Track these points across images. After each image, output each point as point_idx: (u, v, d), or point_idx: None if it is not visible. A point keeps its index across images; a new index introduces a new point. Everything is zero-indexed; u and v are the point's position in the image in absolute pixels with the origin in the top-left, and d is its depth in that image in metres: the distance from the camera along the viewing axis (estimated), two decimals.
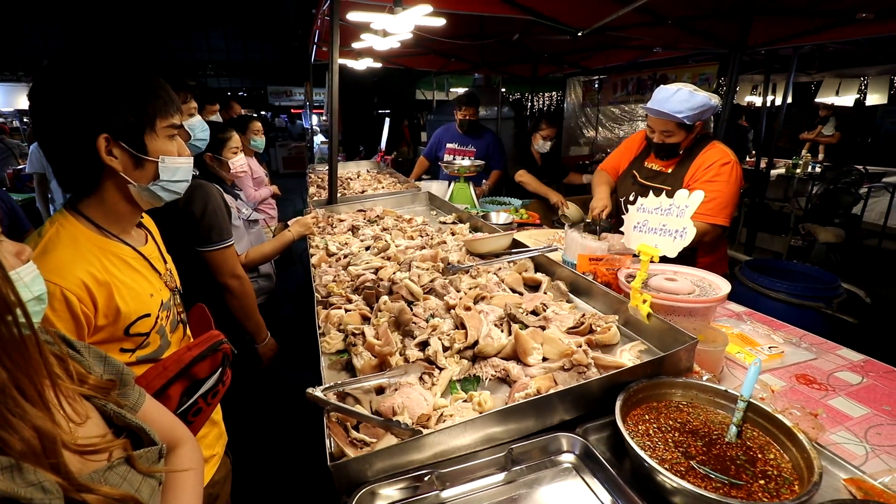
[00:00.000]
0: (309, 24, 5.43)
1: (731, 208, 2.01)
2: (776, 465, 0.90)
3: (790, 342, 1.49)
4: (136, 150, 0.99)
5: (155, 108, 1.01)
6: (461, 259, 1.94)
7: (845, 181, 5.40)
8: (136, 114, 0.98)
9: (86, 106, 0.93)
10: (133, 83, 0.98)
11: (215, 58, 21.15)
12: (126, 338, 0.99)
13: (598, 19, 3.40)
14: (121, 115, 0.95)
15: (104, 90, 0.94)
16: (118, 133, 0.96)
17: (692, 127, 2.04)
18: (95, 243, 0.98)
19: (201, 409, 1.01)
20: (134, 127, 0.98)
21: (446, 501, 0.92)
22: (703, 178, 2.02)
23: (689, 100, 1.95)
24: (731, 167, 1.98)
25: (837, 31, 3.60)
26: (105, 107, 0.94)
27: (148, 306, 1.02)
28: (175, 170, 1.07)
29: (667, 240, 1.26)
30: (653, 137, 2.14)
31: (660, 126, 2.07)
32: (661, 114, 2.00)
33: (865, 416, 1.16)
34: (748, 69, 7.07)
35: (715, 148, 2.07)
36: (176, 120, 1.07)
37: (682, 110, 1.95)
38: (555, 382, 1.10)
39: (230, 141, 2.35)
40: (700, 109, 1.97)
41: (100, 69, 0.95)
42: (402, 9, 2.43)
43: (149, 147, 1.02)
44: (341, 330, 1.46)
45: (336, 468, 0.87)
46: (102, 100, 0.94)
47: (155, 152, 1.03)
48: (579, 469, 0.99)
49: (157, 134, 1.03)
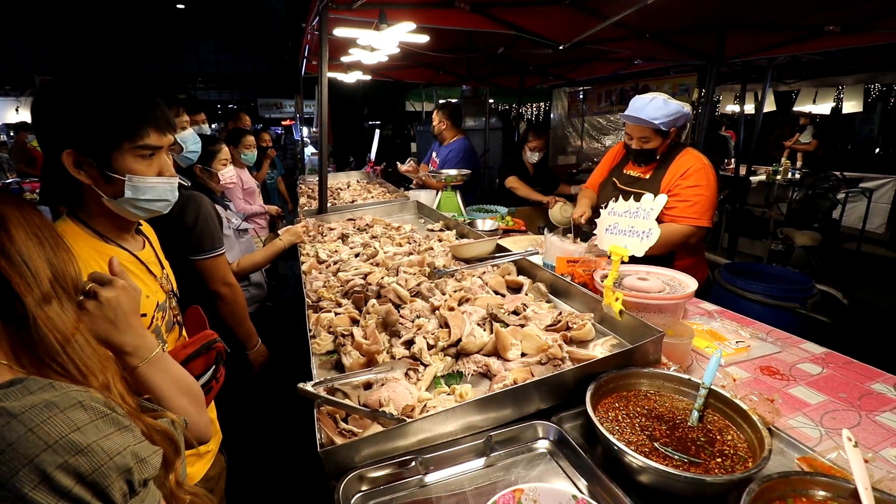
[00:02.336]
0: (299, 38, 5.54)
1: (712, 210, 2.14)
2: (733, 445, 0.97)
3: (757, 337, 1.57)
4: (101, 167, 1.02)
5: (123, 128, 1.02)
6: (447, 264, 2.01)
7: (823, 187, 5.58)
8: (101, 132, 1.01)
9: (54, 122, 0.99)
10: (102, 102, 1.01)
11: (205, 70, 21.24)
12: None
13: (578, 34, 3.54)
14: (85, 133, 0.99)
15: (71, 108, 0.99)
16: (83, 149, 1.00)
17: (667, 133, 2.17)
18: (94, 247, 1.04)
19: None
20: (99, 144, 1.01)
21: (429, 485, 0.98)
22: (683, 185, 2.14)
23: (663, 107, 2.10)
24: (706, 171, 2.12)
25: (808, 43, 3.77)
26: (71, 124, 0.99)
27: (143, 307, 1.08)
28: (145, 189, 1.08)
29: (635, 240, 1.35)
30: (631, 144, 2.26)
31: (637, 132, 2.20)
32: (638, 120, 2.12)
33: (822, 403, 1.24)
34: (726, 80, 7.28)
35: (689, 154, 2.20)
36: (152, 140, 1.06)
37: (657, 117, 2.09)
38: (532, 375, 1.17)
39: (220, 153, 2.42)
40: (674, 116, 2.11)
41: (74, 88, 1.00)
42: (387, 25, 2.53)
43: (116, 164, 1.03)
44: (331, 332, 1.52)
45: (325, 454, 0.93)
46: (69, 117, 0.99)
47: (122, 170, 1.04)
48: (554, 454, 1.06)
49: (123, 153, 1.03)
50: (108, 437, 0.58)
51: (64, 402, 0.57)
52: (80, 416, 0.57)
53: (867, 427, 1.15)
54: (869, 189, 6.47)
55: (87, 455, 0.55)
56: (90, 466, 0.55)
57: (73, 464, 0.54)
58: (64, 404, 0.57)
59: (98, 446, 0.56)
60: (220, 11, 19.30)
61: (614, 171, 2.50)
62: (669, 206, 2.04)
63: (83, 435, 0.56)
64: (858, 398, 1.26)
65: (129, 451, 0.59)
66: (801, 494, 0.84)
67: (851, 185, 6.33)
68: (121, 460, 0.58)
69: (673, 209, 2.10)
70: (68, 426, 0.55)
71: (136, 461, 0.60)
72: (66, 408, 0.57)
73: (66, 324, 0.68)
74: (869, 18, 3.19)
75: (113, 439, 0.58)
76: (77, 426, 0.56)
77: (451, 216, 2.93)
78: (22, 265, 0.65)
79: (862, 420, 1.17)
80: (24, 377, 0.59)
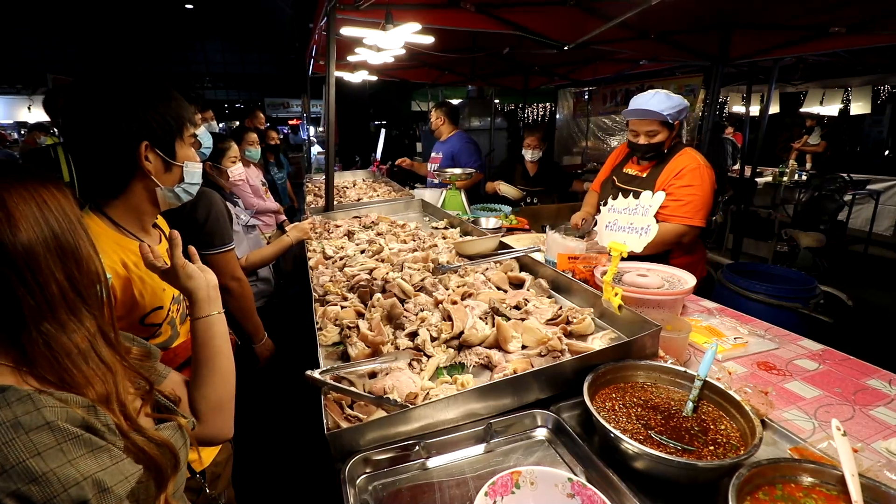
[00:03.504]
0: (306, 38, 5.60)
1: (705, 210, 2.15)
2: (726, 435, 1.00)
3: (755, 334, 1.60)
4: (167, 156, 1.12)
5: (183, 117, 1.13)
6: (450, 260, 2.05)
7: (829, 188, 5.57)
8: (170, 123, 1.10)
9: (128, 116, 1.04)
10: (164, 95, 1.10)
11: (212, 70, 21.40)
12: (141, 327, 1.09)
13: (582, 34, 3.56)
14: (158, 124, 1.08)
15: (142, 102, 1.06)
16: (155, 140, 1.08)
17: (673, 126, 2.19)
18: (116, 241, 1.09)
19: None
20: (168, 135, 1.10)
21: (431, 469, 1.02)
22: (677, 184, 2.16)
23: (667, 100, 2.14)
24: (701, 171, 2.14)
25: (813, 44, 3.77)
26: (145, 117, 1.06)
27: (161, 299, 1.12)
28: (195, 173, 1.20)
29: (634, 236, 1.38)
30: (637, 140, 2.25)
31: (644, 127, 2.21)
32: (646, 113, 2.14)
33: (817, 398, 1.27)
34: (732, 80, 7.27)
35: (686, 154, 2.22)
36: (195, 129, 1.20)
37: (664, 108, 2.12)
38: (531, 366, 1.21)
39: (229, 150, 2.47)
40: (678, 108, 2.15)
41: (134, 83, 1.07)
42: (393, 26, 2.57)
43: (178, 153, 1.14)
44: (337, 324, 1.56)
45: (332, 436, 0.97)
46: (142, 110, 1.06)
47: (182, 158, 1.15)
48: (552, 442, 1.10)
49: (184, 141, 1.15)
50: (71, 464, 0.56)
51: (32, 421, 0.55)
52: (45, 439, 0.55)
53: (860, 420, 1.17)
54: (876, 191, 6.44)
55: (40, 484, 0.53)
56: (42, 496, 0.53)
57: (24, 492, 0.52)
58: (30, 424, 0.55)
59: (54, 475, 0.54)
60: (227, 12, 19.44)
61: (615, 171, 2.54)
62: (662, 205, 2.05)
63: (42, 461, 0.54)
64: (853, 393, 1.28)
65: (90, 480, 0.56)
66: (790, 480, 0.87)
67: (859, 186, 6.31)
68: (76, 492, 0.55)
69: (666, 208, 2.12)
70: (28, 451, 0.53)
71: (96, 491, 0.57)
72: (31, 429, 0.55)
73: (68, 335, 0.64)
74: (874, 19, 3.19)
75: (77, 465, 0.56)
76: (38, 451, 0.54)
77: (455, 214, 2.97)
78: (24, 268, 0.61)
79: (855, 414, 1.20)
80: (6, 386, 0.57)
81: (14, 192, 0.62)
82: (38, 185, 0.65)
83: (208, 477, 1.21)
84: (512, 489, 0.87)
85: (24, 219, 0.61)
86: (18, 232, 0.60)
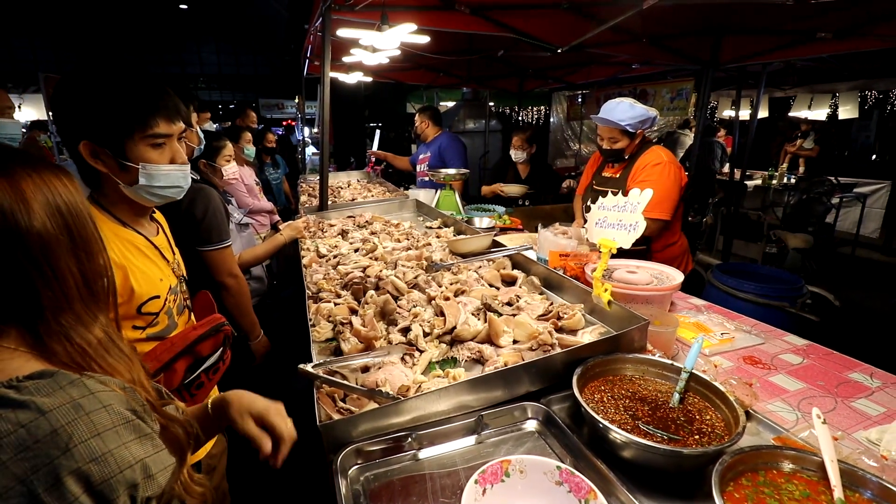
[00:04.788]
0: (301, 39, 5.61)
1: (666, 203, 2.27)
2: (711, 424, 1.03)
3: (742, 330, 1.63)
4: (118, 156, 1.08)
5: (133, 118, 1.07)
6: (444, 258, 2.07)
7: (817, 191, 5.66)
8: (113, 123, 1.06)
9: (70, 115, 1.05)
10: (112, 94, 1.06)
11: (206, 71, 21.34)
12: (138, 316, 1.10)
13: (575, 37, 3.61)
14: (99, 124, 1.05)
15: (85, 101, 1.05)
16: (99, 140, 1.06)
17: (634, 134, 2.35)
18: (113, 231, 1.10)
19: (203, 383, 1.12)
20: (112, 135, 1.06)
21: (423, 460, 1.03)
22: (638, 178, 2.31)
23: (629, 110, 2.29)
24: (662, 166, 2.28)
25: (801, 48, 3.85)
26: (85, 116, 1.05)
27: (158, 289, 1.13)
28: (158, 176, 1.12)
29: (622, 233, 1.41)
30: (602, 144, 2.45)
31: (607, 133, 2.39)
32: (607, 122, 2.32)
33: (801, 390, 1.30)
34: (723, 85, 7.37)
35: (652, 152, 2.36)
36: (162, 129, 1.11)
37: (623, 118, 2.28)
38: (522, 359, 1.23)
39: (224, 149, 2.48)
40: (640, 118, 2.29)
41: (86, 81, 1.06)
42: (388, 26, 2.59)
43: (130, 153, 1.09)
44: (330, 320, 1.57)
45: (324, 428, 0.98)
46: (83, 110, 1.05)
47: (136, 159, 1.09)
48: (542, 434, 1.12)
49: (136, 142, 1.09)
50: (125, 447, 0.57)
51: (90, 404, 0.56)
52: (104, 420, 0.56)
53: (842, 412, 1.20)
54: (863, 194, 6.55)
55: (100, 464, 0.54)
56: (101, 476, 0.54)
57: (85, 471, 0.53)
58: (90, 406, 0.56)
59: (112, 456, 0.55)
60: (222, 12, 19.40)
61: (595, 175, 2.69)
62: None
63: (102, 441, 0.55)
64: (836, 386, 1.31)
65: (140, 464, 0.58)
66: (772, 467, 0.89)
67: (846, 190, 6.41)
68: (130, 474, 0.56)
69: None
70: (90, 431, 0.54)
71: (143, 477, 0.58)
72: (91, 410, 0.56)
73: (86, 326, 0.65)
74: (859, 25, 3.26)
75: (130, 448, 0.57)
76: (98, 431, 0.55)
77: (449, 214, 2.99)
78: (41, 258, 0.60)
79: (838, 405, 1.23)
80: (53, 370, 0.58)
81: (29, 179, 0.61)
82: (49, 173, 0.64)
83: (203, 468, 1.22)
84: (502, 477, 0.89)
85: (39, 207, 0.60)
86: (34, 220, 0.59)
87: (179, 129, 1.16)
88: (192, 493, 0.77)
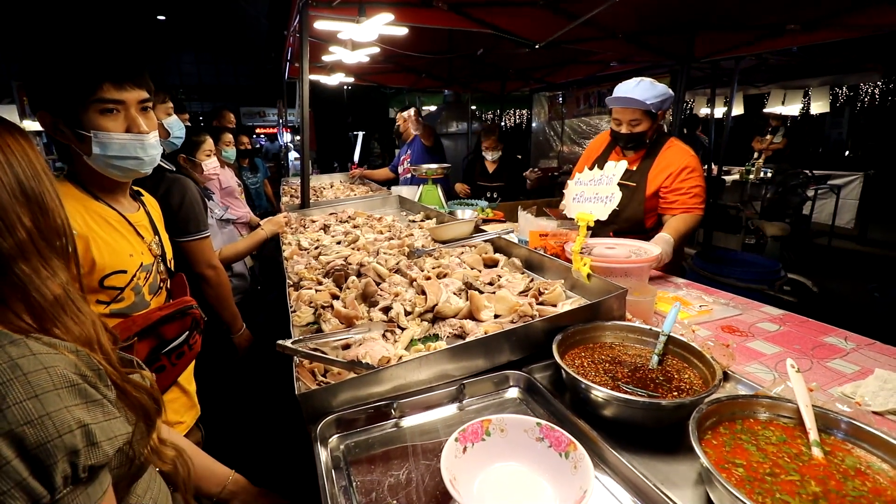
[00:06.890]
0: (281, 47, 5.60)
1: (703, 196, 2.14)
2: (689, 382, 1.04)
3: (719, 302, 1.66)
4: (74, 126, 1.06)
5: (79, 84, 1.04)
6: (426, 245, 2.06)
7: (792, 184, 5.80)
8: (60, 91, 1.04)
9: (31, 88, 1.05)
10: (56, 62, 1.04)
11: (186, 82, 21.13)
12: (101, 290, 1.08)
13: (552, 33, 3.66)
14: (49, 93, 1.04)
15: (37, 71, 1.04)
16: (54, 109, 1.05)
17: (656, 115, 2.13)
18: (81, 202, 1.08)
19: (164, 366, 1.09)
20: (63, 103, 1.04)
21: (405, 428, 1.02)
22: (681, 178, 2.12)
23: (651, 88, 2.07)
24: (697, 161, 2.15)
25: (771, 41, 3.96)
26: (38, 86, 1.05)
27: (124, 263, 1.11)
28: (111, 145, 1.08)
29: (599, 205, 1.43)
30: (620, 129, 2.17)
31: (627, 116, 2.12)
32: (629, 101, 2.06)
33: (777, 354, 1.32)
34: (697, 83, 7.52)
35: (676, 146, 2.20)
36: (109, 94, 1.06)
37: (647, 97, 2.05)
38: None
39: (204, 144, 2.46)
40: (662, 97, 2.08)
41: (35, 53, 1.06)
42: (366, 19, 2.60)
43: (84, 122, 1.05)
44: (311, 305, 1.55)
45: (303, 397, 0.97)
46: (36, 80, 1.05)
47: (89, 127, 1.06)
48: (524, 401, 1.12)
49: (88, 110, 1.05)
50: (67, 410, 0.55)
51: (29, 364, 0.54)
52: (44, 381, 0.54)
53: (818, 371, 1.22)
54: (837, 186, 6.72)
55: (36, 427, 0.52)
56: (36, 440, 0.52)
57: (18, 433, 0.51)
58: (28, 367, 0.54)
59: (50, 420, 0.53)
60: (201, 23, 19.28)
61: (599, 161, 2.41)
62: (671, 200, 2.10)
63: (40, 404, 0.53)
64: (811, 349, 1.34)
65: (82, 430, 0.56)
66: (749, 416, 0.90)
67: (820, 182, 6.58)
68: (70, 439, 0.54)
69: (677, 201, 2.12)
70: (26, 392, 0.52)
71: (86, 443, 0.56)
72: (29, 371, 0.54)
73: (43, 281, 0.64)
74: (825, 17, 3.37)
75: (72, 412, 0.55)
76: (35, 393, 0.53)
77: (432, 208, 2.99)
78: None
79: (813, 365, 1.25)
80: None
81: None
82: (4, 131, 0.65)
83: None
84: (482, 436, 0.88)
85: None
86: None
87: (136, 96, 1.10)
88: (164, 459, 0.76)
